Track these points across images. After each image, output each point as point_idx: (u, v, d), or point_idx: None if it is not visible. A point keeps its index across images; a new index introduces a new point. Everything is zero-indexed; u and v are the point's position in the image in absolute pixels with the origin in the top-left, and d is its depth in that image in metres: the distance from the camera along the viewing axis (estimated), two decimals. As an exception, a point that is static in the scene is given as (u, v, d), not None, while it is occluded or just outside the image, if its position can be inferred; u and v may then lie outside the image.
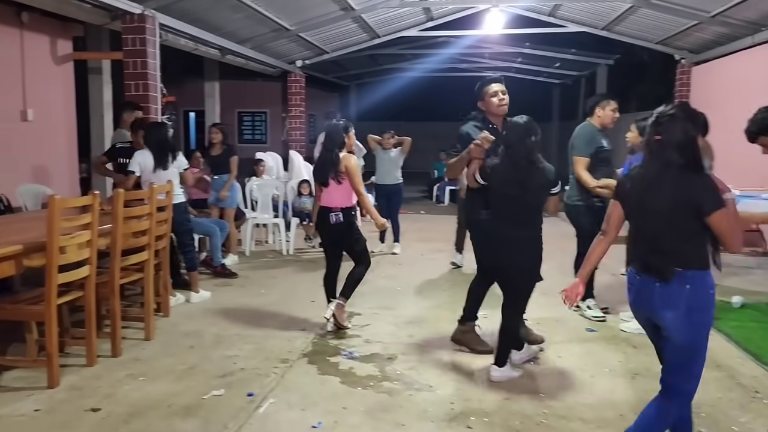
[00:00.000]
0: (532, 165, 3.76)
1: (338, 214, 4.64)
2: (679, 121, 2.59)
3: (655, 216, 2.58)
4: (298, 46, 10.90)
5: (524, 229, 3.80)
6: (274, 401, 3.54)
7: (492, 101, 4.26)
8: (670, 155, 2.56)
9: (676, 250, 2.55)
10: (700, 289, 2.53)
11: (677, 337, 2.57)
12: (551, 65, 17.06)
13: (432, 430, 3.21)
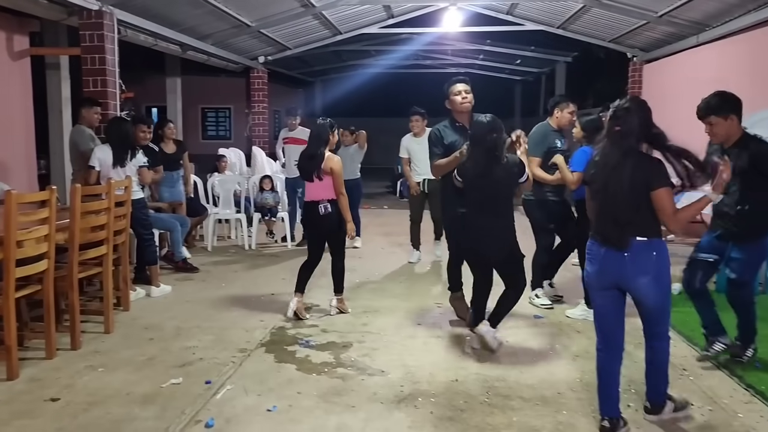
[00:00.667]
0: (496, 159, 4.08)
1: (326, 205, 4.90)
2: (634, 112, 3.03)
3: (618, 195, 2.98)
4: (260, 43, 10.96)
5: (498, 218, 4.14)
6: (231, 388, 3.68)
7: (455, 99, 4.69)
8: (629, 142, 2.99)
9: (637, 223, 2.96)
10: (664, 254, 3.01)
11: (650, 298, 3.02)
12: (512, 62, 17.42)
13: (381, 410, 3.39)
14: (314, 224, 5.06)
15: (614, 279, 3.05)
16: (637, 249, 2.98)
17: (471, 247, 4.30)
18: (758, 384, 3.67)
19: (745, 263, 3.92)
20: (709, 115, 3.83)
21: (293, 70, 16.66)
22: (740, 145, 3.82)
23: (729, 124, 3.80)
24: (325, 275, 6.36)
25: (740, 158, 3.74)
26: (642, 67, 10.95)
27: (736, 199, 3.85)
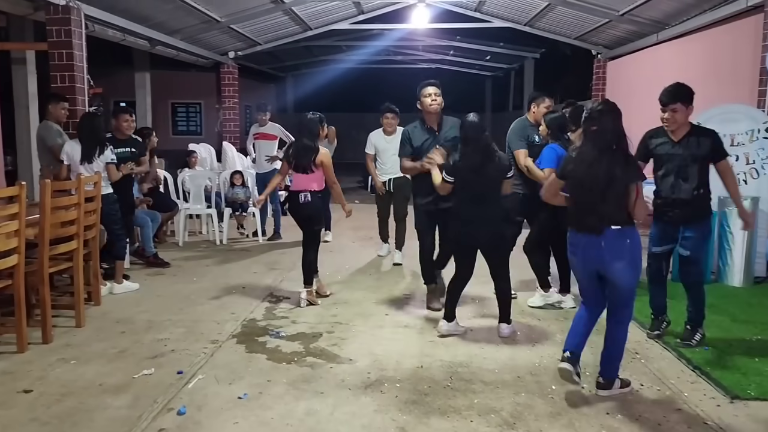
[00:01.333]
0: (491, 155, 4.40)
1: (306, 195, 5.23)
2: (608, 114, 3.40)
3: (594, 188, 3.34)
4: (230, 38, 10.98)
5: (490, 208, 4.42)
6: (202, 377, 3.79)
7: (425, 101, 4.99)
8: (604, 141, 3.36)
9: (611, 214, 3.33)
10: (636, 240, 3.38)
11: (624, 280, 3.38)
12: (482, 58, 17.66)
13: (348, 396, 3.54)
14: (295, 212, 5.41)
15: (594, 266, 3.43)
16: (611, 236, 3.34)
17: (465, 237, 4.49)
18: (704, 366, 3.90)
19: (697, 240, 4.21)
20: (675, 102, 4.09)
21: (264, 65, 16.67)
22: (697, 135, 4.15)
23: (687, 113, 4.13)
24: (296, 270, 6.48)
25: (701, 147, 4.10)
26: (606, 64, 11.26)
27: (694, 186, 4.13)
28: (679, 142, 4.14)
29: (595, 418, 3.26)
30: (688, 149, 4.12)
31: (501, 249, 4.56)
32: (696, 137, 4.13)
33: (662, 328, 4.46)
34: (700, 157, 4.09)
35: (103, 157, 5.48)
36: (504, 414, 3.31)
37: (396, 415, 3.30)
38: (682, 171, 4.15)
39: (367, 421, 3.23)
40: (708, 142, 4.11)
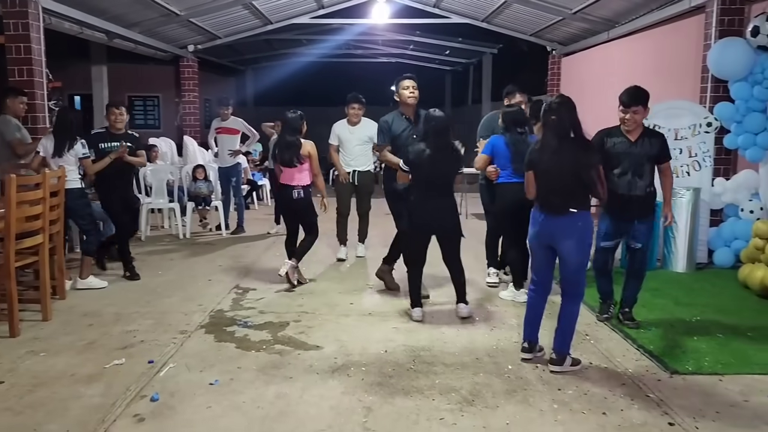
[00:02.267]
0: (451, 148, 4.72)
1: (300, 191, 5.61)
2: (564, 105, 3.77)
3: (557, 174, 3.70)
4: (189, 31, 10.94)
5: (447, 198, 4.78)
6: (173, 366, 3.90)
7: (403, 93, 5.40)
8: (564, 130, 3.72)
9: (572, 197, 3.69)
10: (587, 224, 3.75)
11: (572, 257, 3.74)
12: (442, 53, 17.89)
13: (316, 380, 3.71)
14: (287, 205, 5.78)
15: (548, 239, 3.82)
16: (567, 218, 3.73)
17: (423, 224, 4.76)
18: (648, 344, 4.21)
19: (648, 233, 4.54)
20: (637, 104, 4.36)
21: (224, 59, 16.56)
22: (649, 135, 4.46)
23: (645, 114, 4.45)
24: (261, 262, 6.60)
25: (653, 146, 4.41)
26: (561, 60, 11.64)
27: (647, 183, 4.44)
28: (635, 142, 4.41)
29: (548, 394, 3.51)
30: (643, 148, 4.41)
31: (455, 237, 4.83)
32: (649, 138, 4.44)
33: (611, 311, 4.76)
34: (653, 156, 4.41)
35: (73, 152, 5.50)
36: (463, 392, 3.53)
37: (362, 396, 3.48)
38: (639, 169, 4.41)
39: (335, 403, 3.41)
40: (658, 143, 4.43)
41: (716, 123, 6.47)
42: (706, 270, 6.35)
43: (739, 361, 3.94)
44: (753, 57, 6.19)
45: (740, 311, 4.97)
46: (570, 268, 3.79)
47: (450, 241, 4.82)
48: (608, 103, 9.90)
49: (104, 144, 5.85)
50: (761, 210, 6.23)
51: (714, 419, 3.20)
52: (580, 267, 3.79)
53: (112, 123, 6.01)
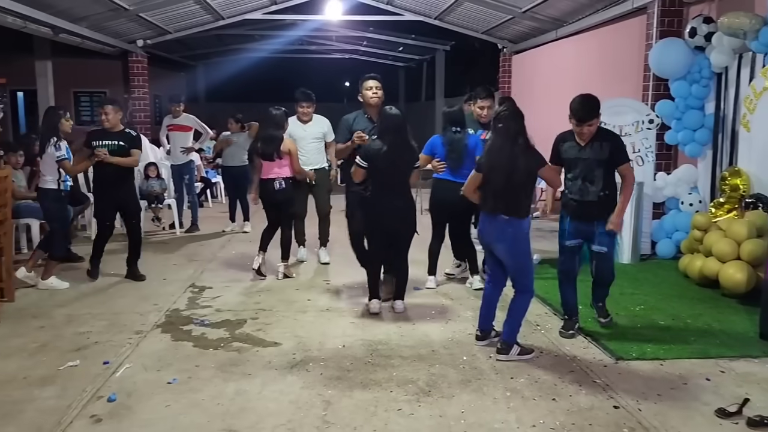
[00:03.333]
0: (408, 145, 4.76)
1: (281, 181, 5.78)
2: (512, 115, 4.01)
3: (501, 178, 3.90)
4: (138, 26, 10.71)
5: (405, 197, 4.83)
6: (130, 366, 3.88)
7: (366, 94, 5.32)
8: (510, 135, 3.92)
9: (507, 203, 3.89)
10: (519, 231, 3.95)
11: (507, 260, 4.01)
12: (395, 49, 18.04)
13: (275, 376, 3.76)
14: (269, 198, 5.90)
15: (486, 240, 4.09)
16: (500, 222, 3.94)
17: (378, 223, 4.82)
18: (594, 333, 4.40)
19: (612, 237, 4.38)
20: (592, 119, 4.15)
21: (174, 54, 16.29)
22: (601, 139, 4.23)
23: (598, 122, 4.24)
24: (216, 260, 6.58)
25: (602, 150, 4.20)
26: (511, 58, 11.89)
27: (601, 187, 4.23)
28: (585, 147, 4.23)
29: (501, 383, 3.65)
30: (592, 153, 4.21)
31: (408, 234, 4.89)
32: (600, 141, 4.22)
33: (576, 328, 4.46)
34: (603, 161, 4.19)
35: (49, 153, 5.42)
36: (420, 383, 3.63)
37: (321, 390, 3.55)
38: (589, 174, 4.25)
39: (294, 397, 3.46)
40: (608, 146, 4.20)
41: (657, 120, 6.76)
42: (649, 261, 6.63)
43: (679, 346, 4.16)
44: (691, 57, 6.49)
45: (681, 299, 5.23)
46: (509, 269, 4.08)
47: (401, 239, 4.88)
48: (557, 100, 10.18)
49: (97, 142, 5.68)
50: (700, 203, 6.55)
51: (655, 401, 3.39)
52: (520, 269, 4.04)
53: (101, 122, 5.80)
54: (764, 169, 5.49)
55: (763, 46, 5.48)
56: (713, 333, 4.42)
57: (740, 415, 3.17)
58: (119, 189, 5.81)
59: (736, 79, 6.17)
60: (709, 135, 6.57)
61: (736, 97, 6.20)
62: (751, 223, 5.19)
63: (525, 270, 4.05)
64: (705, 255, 5.54)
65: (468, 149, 5.28)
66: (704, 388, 3.55)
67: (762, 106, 5.54)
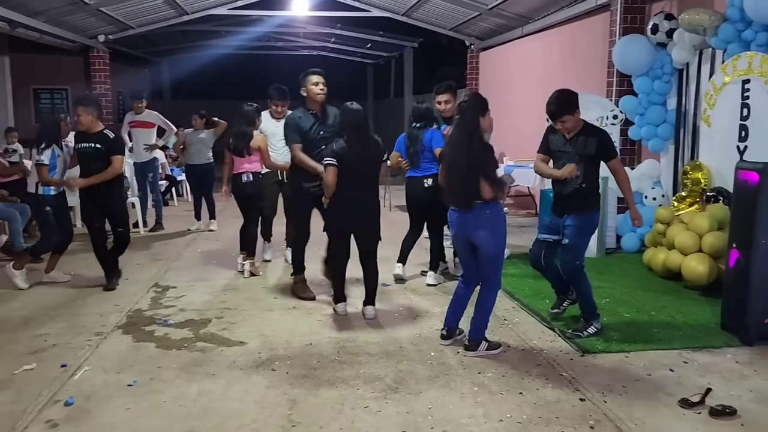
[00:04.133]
0: (373, 139, 4.62)
1: (248, 174, 5.80)
2: (471, 107, 3.94)
3: (461, 169, 3.86)
4: (99, 21, 10.45)
5: (372, 192, 4.67)
6: (89, 368, 3.77)
7: (313, 89, 5.03)
8: (469, 129, 3.88)
9: (475, 191, 3.82)
10: (496, 212, 3.91)
11: (487, 245, 3.88)
12: (363, 46, 17.96)
13: (240, 375, 3.68)
14: (238, 192, 5.91)
15: (464, 235, 3.97)
16: (476, 209, 3.87)
17: (344, 222, 4.64)
18: (561, 327, 4.42)
19: (577, 230, 4.24)
20: (563, 116, 4.15)
21: (137, 50, 15.97)
22: (586, 134, 4.22)
23: (576, 118, 4.22)
24: (181, 259, 6.46)
25: (587, 146, 4.18)
26: (479, 55, 11.94)
27: (580, 181, 4.21)
28: (570, 140, 4.26)
29: (468, 378, 3.63)
30: (576, 148, 4.22)
31: (375, 234, 4.72)
32: (585, 136, 4.22)
33: (563, 306, 4.56)
34: (587, 156, 4.19)
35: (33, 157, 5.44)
36: (387, 380, 3.59)
37: (287, 389, 3.49)
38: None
39: (259, 397, 3.39)
40: (594, 142, 4.18)
41: (621, 115, 6.84)
42: (614, 254, 6.71)
43: (643, 338, 4.21)
44: (653, 53, 6.58)
45: (645, 292, 5.30)
46: (486, 257, 3.94)
47: (369, 240, 4.70)
48: (524, 96, 10.28)
49: (78, 144, 5.47)
50: (663, 197, 6.65)
51: (621, 393, 3.41)
52: (495, 256, 3.95)
53: (76, 124, 5.52)
54: (724, 164, 5.58)
55: (723, 43, 5.58)
56: (676, 325, 4.48)
57: (703, 404, 3.21)
58: (105, 194, 5.44)
59: (697, 74, 6.29)
60: (671, 130, 6.68)
61: (696, 93, 6.31)
62: (713, 216, 5.28)
63: (499, 259, 4.01)
64: (668, 248, 5.63)
65: (423, 144, 5.30)
66: (668, 379, 3.59)
67: (722, 102, 5.64)
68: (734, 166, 4.28)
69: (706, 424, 3.07)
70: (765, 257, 4.03)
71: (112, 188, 5.51)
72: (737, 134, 5.43)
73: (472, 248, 4.00)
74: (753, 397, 3.36)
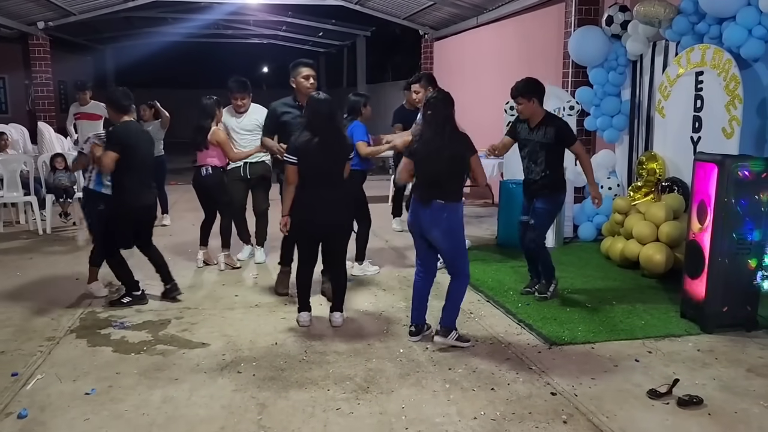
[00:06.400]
0: (341, 133, 4.46)
1: (207, 168, 5.69)
2: (441, 101, 3.93)
3: (432, 164, 3.85)
4: (38, 6, 9.93)
5: (339, 189, 4.28)
6: (42, 377, 3.56)
7: (302, 83, 4.88)
8: (440, 123, 3.87)
9: (440, 188, 3.84)
10: (454, 215, 3.90)
11: (443, 245, 3.93)
12: (315, 35, 17.69)
13: (205, 379, 3.55)
14: (199, 185, 5.84)
15: (419, 228, 3.97)
16: (434, 208, 3.85)
17: (309, 224, 4.27)
18: (526, 319, 4.44)
19: (542, 212, 4.74)
20: (517, 97, 4.65)
21: (79, 37, 15.30)
22: (546, 124, 4.62)
23: (532, 106, 4.61)
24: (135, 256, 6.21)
25: (546, 135, 4.62)
26: (433, 44, 11.90)
27: (543, 168, 4.67)
28: (533, 130, 4.67)
29: (439, 374, 3.60)
30: (537, 136, 4.64)
31: (344, 235, 4.40)
32: (545, 126, 4.63)
33: (534, 287, 4.95)
34: (546, 144, 4.61)
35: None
36: (358, 380, 3.53)
37: (255, 392, 3.38)
38: (534, 155, 4.69)
39: (226, 402, 3.27)
40: (552, 131, 4.60)
41: (578, 106, 6.91)
42: (572, 244, 6.80)
43: (608, 328, 4.26)
44: (608, 45, 6.67)
45: (605, 281, 5.38)
46: (444, 255, 4.02)
47: (337, 239, 4.34)
48: (479, 86, 10.26)
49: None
50: (618, 186, 6.77)
51: (590, 386, 3.43)
52: (454, 253, 3.97)
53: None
54: (679, 154, 5.71)
55: (677, 35, 5.67)
56: (637, 314, 4.55)
57: (671, 395, 3.26)
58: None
59: (651, 66, 6.39)
60: (626, 121, 6.79)
61: (650, 84, 6.42)
62: (668, 206, 5.39)
63: (461, 254, 4.01)
64: (626, 237, 5.72)
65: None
66: (634, 370, 3.64)
67: (676, 93, 5.75)
68: (688, 156, 4.40)
69: (675, 414, 3.12)
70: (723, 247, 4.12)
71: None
72: (691, 125, 5.55)
73: (427, 241, 4.01)
74: (717, 385, 3.44)
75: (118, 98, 4.75)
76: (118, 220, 4.81)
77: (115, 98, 4.76)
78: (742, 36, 4.93)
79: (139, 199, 4.80)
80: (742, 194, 4.07)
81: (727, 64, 5.06)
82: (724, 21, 5.16)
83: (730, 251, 4.11)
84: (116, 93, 4.78)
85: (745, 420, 3.08)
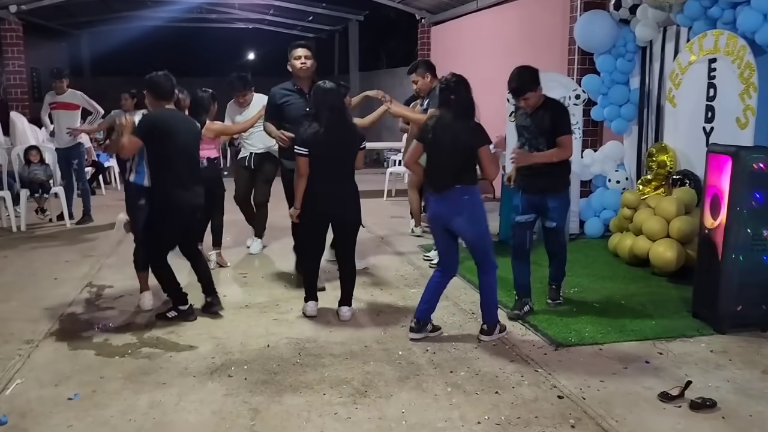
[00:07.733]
0: (349, 122, 4.50)
1: (204, 160, 5.50)
2: (461, 86, 3.99)
3: (447, 150, 3.92)
4: (10, -11, 9.91)
5: (349, 182, 4.48)
6: (21, 381, 3.58)
7: (295, 63, 5.06)
8: (460, 108, 3.95)
9: (456, 173, 3.91)
10: (474, 197, 3.98)
11: (468, 233, 4.01)
12: (304, 19, 17.63)
13: (194, 384, 3.57)
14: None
15: (442, 221, 4.02)
16: (453, 194, 3.94)
17: (319, 214, 4.45)
18: (532, 320, 4.48)
19: (561, 211, 4.58)
20: (525, 92, 4.30)
21: (53, 21, 15.22)
22: (544, 108, 4.37)
23: (538, 94, 4.36)
24: (116, 254, 6.24)
25: (544, 120, 4.34)
26: (430, 29, 11.92)
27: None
28: (532, 115, 4.40)
29: (441, 378, 3.63)
30: (535, 122, 4.38)
31: (353, 227, 4.56)
32: (544, 110, 4.36)
33: (524, 310, 4.55)
34: (546, 130, 4.33)
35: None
36: (355, 383, 3.56)
37: (247, 396, 3.41)
38: (533, 142, 4.41)
39: (217, 407, 3.30)
40: (549, 116, 4.33)
41: (584, 95, 6.94)
42: (578, 240, 6.85)
43: (616, 329, 4.31)
44: (616, 30, 6.70)
45: (613, 280, 5.44)
46: (471, 245, 4.09)
47: (346, 232, 4.53)
48: (479, 73, 10.29)
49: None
50: (626, 180, 6.82)
51: (599, 389, 3.48)
52: (480, 240, 4.06)
53: None
54: (691, 146, 5.76)
55: (688, 20, 5.72)
56: (648, 314, 4.60)
57: (683, 397, 3.31)
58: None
59: (661, 53, 6.44)
60: (635, 110, 6.84)
61: (660, 72, 6.47)
62: (680, 201, 5.44)
63: (487, 242, 4.10)
64: (635, 233, 5.78)
65: None
66: (645, 372, 3.69)
67: (687, 81, 5.80)
68: (700, 147, 4.42)
69: (687, 417, 3.17)
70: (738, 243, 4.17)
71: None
72: (703, 115, 5.60)
73: (450, 235, 4.09)
74: (731, 387, 3.49)
75: (158, 82, 4.49)
76: (161, 219, 4.50)
77: (154, 82, 4.49)
78: (757, 21, 4.98)
79: (181, 197, 4.44)
80: (758, 187, 4.11)
81: (741, 50, 5.11)
82: (738, 5, 5.20)
83: (744, 247, 4.16)
84: (157, 76, 4.51)
85: (761, 424, 3.13)
